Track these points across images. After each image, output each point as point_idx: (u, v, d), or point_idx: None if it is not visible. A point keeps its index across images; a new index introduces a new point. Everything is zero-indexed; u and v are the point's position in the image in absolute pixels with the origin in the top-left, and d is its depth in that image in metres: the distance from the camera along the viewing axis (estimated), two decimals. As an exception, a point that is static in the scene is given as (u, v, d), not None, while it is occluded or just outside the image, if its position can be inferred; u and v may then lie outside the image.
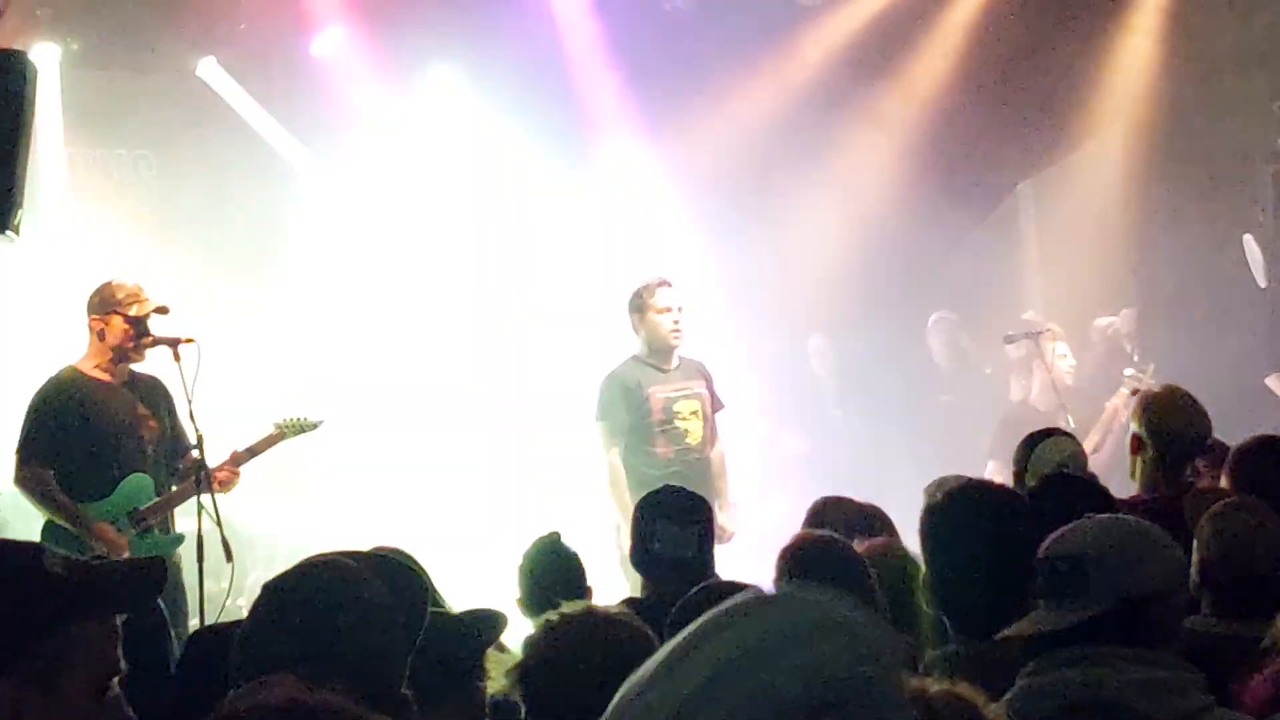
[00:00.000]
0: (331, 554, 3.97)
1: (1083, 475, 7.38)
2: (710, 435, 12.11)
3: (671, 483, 9.30)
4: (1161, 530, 4.68)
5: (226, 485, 10.78)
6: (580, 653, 4.28)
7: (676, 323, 11.82)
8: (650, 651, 2.49)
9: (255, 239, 14.68)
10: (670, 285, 12.02)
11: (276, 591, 3.67)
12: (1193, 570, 5.40)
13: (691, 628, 2.19)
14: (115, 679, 3.31)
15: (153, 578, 3.46)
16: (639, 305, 11.98)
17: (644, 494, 8.83)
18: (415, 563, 5.17)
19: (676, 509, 7.09)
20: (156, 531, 10.13)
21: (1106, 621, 4.38)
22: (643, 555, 6.87)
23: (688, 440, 11.92)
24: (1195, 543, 5.62)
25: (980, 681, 3.49)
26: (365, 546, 7.56)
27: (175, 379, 10.33)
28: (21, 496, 10.12)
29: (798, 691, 2.05)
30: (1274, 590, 5.74)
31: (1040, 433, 7.99)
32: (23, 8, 12.01)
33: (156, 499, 10.10)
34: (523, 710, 4.44)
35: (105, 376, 10.16)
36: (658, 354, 11.88)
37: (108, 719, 3.29)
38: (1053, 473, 7.04)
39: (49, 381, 10.17)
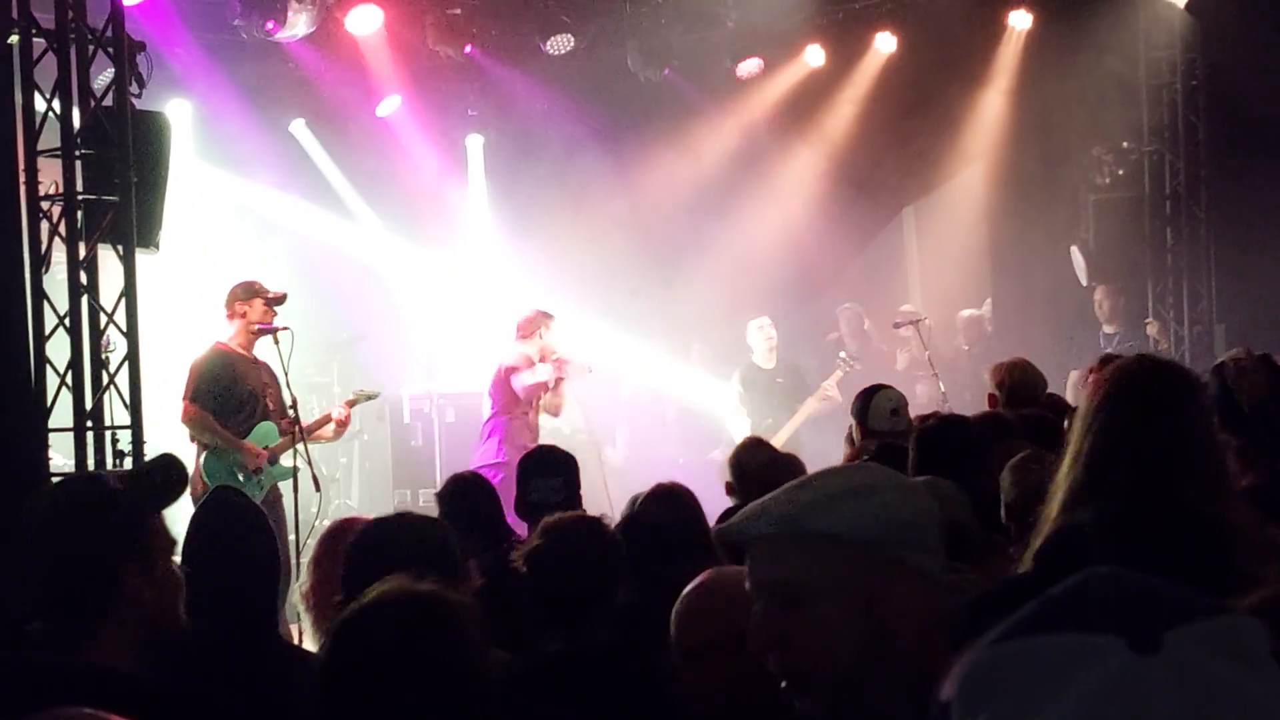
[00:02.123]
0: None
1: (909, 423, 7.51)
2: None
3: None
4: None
5: (344, 427, 12.06)
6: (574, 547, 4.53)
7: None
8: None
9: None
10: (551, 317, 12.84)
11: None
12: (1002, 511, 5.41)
13: (806, 476, 2.74)
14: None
15: (176, 476, 3.77)
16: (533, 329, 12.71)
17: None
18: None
19: (548, 463, 7.13)
20: (275, 465, 11.03)
21: None
22: (523, 504, 6.82)
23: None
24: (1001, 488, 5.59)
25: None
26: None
27: (275, 358, 11.15)
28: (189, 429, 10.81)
29: (882, 517, 2.55)
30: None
31: (871, 388, 8.20)
32: (161, 77, 11.36)
33: (279, 441, 11.01)
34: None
35: (244, 352, 11.05)
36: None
37: (175, 582, 3.59)
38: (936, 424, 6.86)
39: (208, 352, 10.98)
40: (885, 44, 16.37)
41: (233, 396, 11.01)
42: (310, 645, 4.96)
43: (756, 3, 15.85)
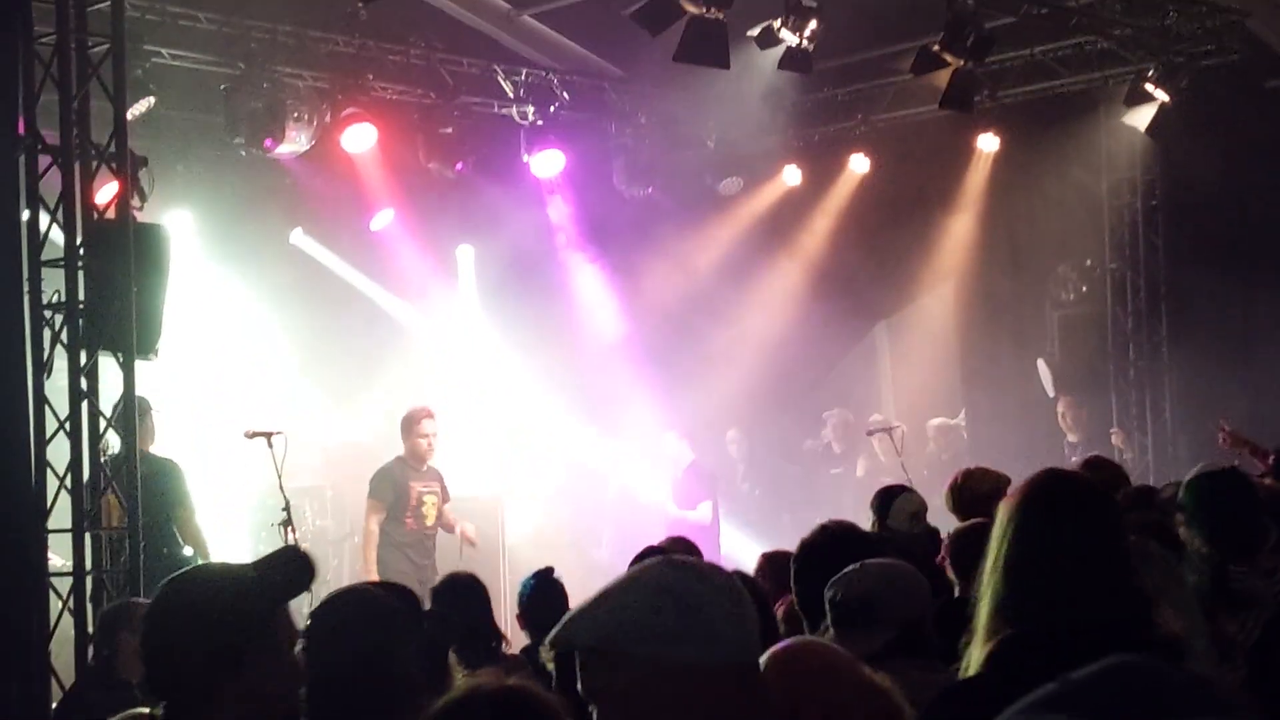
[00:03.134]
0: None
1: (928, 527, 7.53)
2: (440, 516, 12.57)
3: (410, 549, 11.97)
4: (913, 568, 4.95)
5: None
6: None
7: (430, 443, 12.41)
8: None
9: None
10: (432, 417, 12.60)
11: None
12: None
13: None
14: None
15: (305, 568, 3.65)
16: (407, 426, 12.54)
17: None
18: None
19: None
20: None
21: (894, 644, 4.52)
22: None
23: (426, 521, 12.43)
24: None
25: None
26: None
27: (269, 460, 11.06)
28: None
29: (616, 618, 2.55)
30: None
31: (895, 488, 7.99)
32: (162, 189, 11.74)
33: None
34: None
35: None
36: (415, 460, 12.43)
37: (298, 673, 3.61)
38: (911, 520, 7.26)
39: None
40: (859, 165, 16.52)
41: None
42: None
43: (735, 125, 16.00)
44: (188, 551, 10.29)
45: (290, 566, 3.55)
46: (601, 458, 16.20)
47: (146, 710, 3.79)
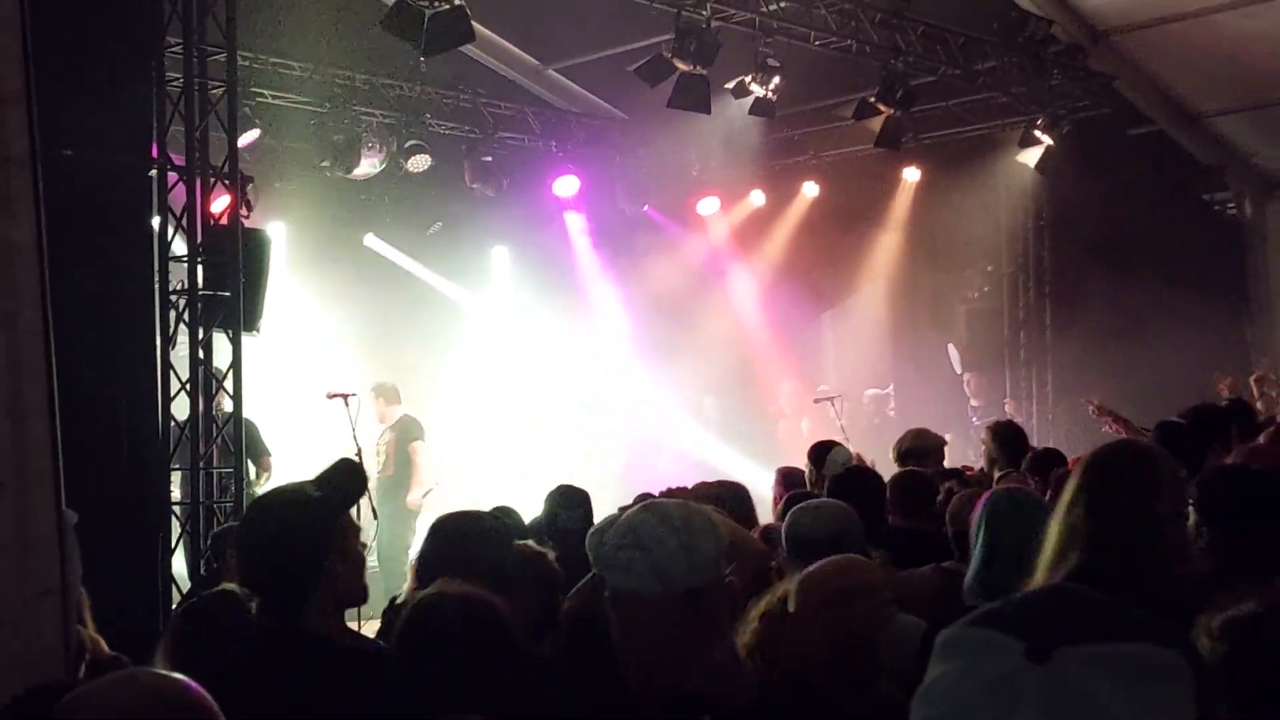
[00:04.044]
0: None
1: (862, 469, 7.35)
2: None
3: None
4: (849, 506, 4.77)
5: None
6: None
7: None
8: None
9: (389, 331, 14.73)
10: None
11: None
12: None
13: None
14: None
15: (358, 480, 3.60)
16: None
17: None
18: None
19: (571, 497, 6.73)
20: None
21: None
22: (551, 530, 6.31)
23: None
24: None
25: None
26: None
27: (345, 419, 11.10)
28: None
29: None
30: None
31: (828, 443, 7.77)
32: (264, 202, 11.76)
33: None
34: None
35: None
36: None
37: (361, 560, 3.57)
38: (848, 470, 6.92)
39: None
40: (810, 190, 16.49)
41: None
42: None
43: (714, 156, 15.89)
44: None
45: (344, 479, 3.51)
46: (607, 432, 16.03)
47: (235, 587, 3.85)
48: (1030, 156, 14.63)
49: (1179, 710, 1.20)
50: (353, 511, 3.64)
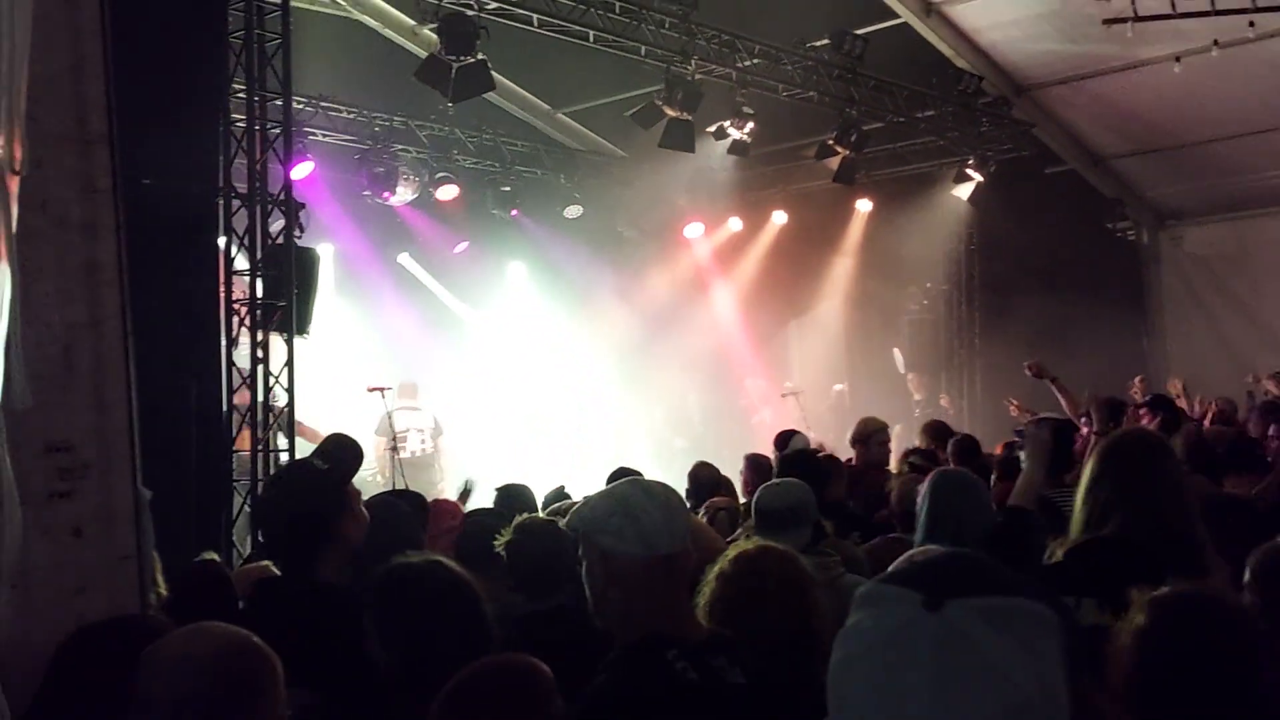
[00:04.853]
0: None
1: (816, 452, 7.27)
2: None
3: None
4: (806, 485, 4.72)
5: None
6: None
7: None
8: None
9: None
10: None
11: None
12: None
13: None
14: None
15: (357, 454, 3.82)
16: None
17: None
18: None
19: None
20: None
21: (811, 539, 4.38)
22: None
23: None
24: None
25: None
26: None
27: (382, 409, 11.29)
28: None
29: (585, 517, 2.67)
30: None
31: (789, 431, 7.87)
32: (315, 225, 11.01)
33: None
34: None
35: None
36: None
37: (364, 519, 3.56)
38: (794, 452, 6.87)
39: None
40: (779, 218, 16.48)
41: None
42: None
43: (698, 189, 15.84)
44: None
45: (346, 454, 3.53)
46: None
47: (268, 563, 3.86)
48: (963, 191, 14.67)
49: (1048, 654, 1.21)
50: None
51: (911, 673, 1.18)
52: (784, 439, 7.56)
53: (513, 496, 6.35)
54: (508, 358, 15.57)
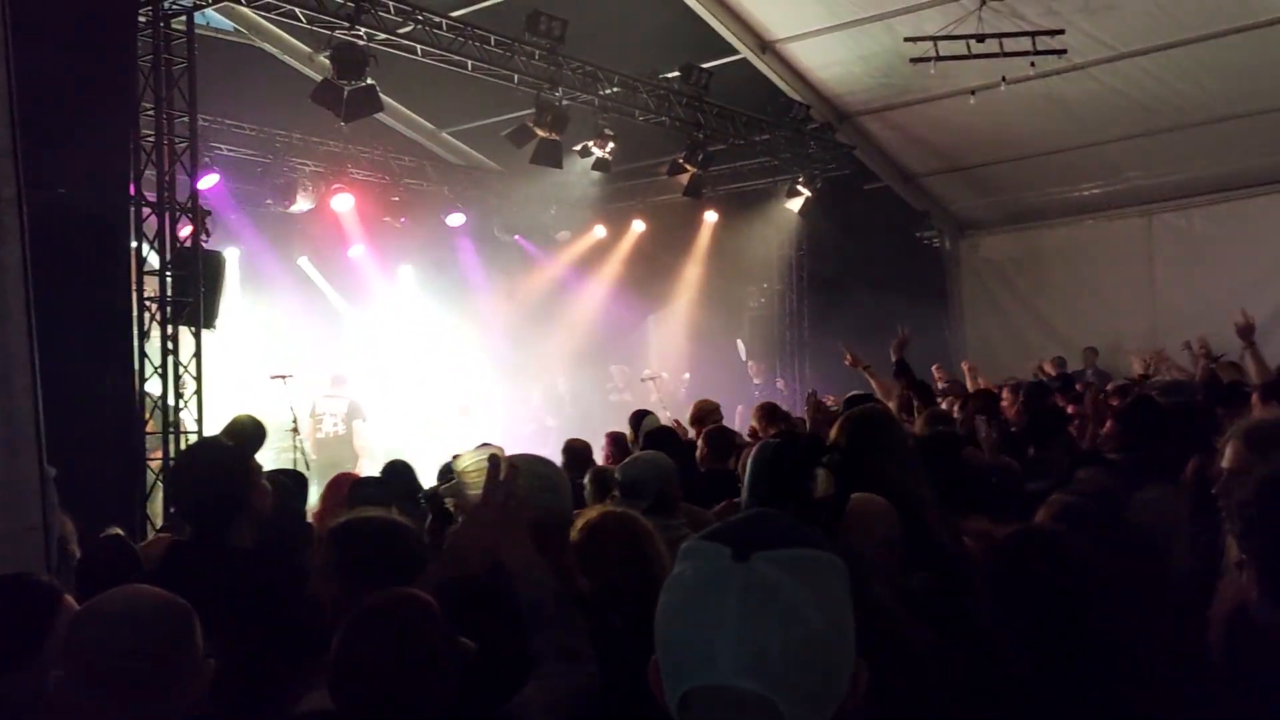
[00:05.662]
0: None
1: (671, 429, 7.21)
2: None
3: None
4: (666, 456, 4.62)
5: None
6: None
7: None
8: None
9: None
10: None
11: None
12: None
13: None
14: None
15: (261, 432, 3.54)
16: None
17: None
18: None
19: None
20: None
21: (653, 506, 4.17)
22: None
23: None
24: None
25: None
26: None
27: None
28: None
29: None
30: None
31: (643, 411, 7.81)
32: (220, 231, 11.39)
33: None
34: None
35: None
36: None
37: (268, 491, 3.41)
38: (656, 429, 6.82)
39: None
40: (638, 226, 16.45)
41: None
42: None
43: (568, 199, 15.74)
44: None
45: (251, 432, 3.46)
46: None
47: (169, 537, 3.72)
48: (794, 204, 14.85)
49: (837, 594, 1.26)
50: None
51: (722, 614, 1.21)
52: (638, 418, 7.55)
53: (395, 470, 6.46)
54: (400, 351, 15.30)
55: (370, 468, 10.21)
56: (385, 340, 15.21)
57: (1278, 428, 2.47)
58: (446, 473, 5.67)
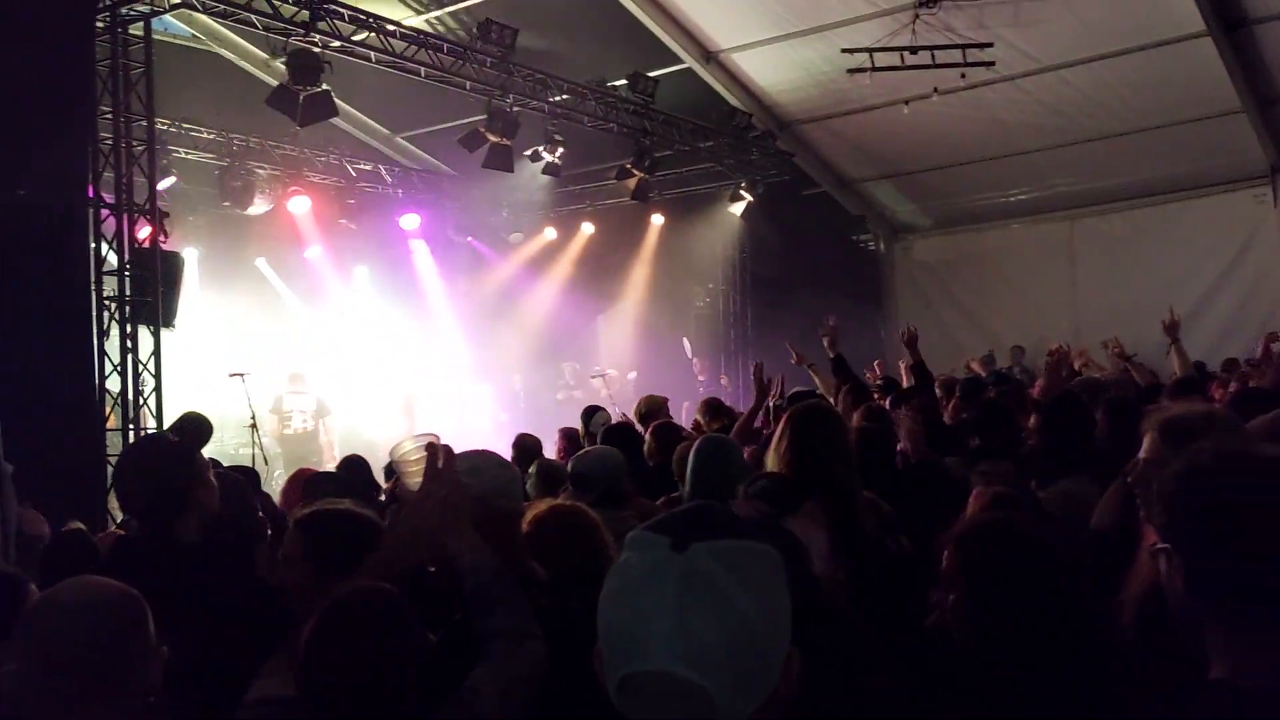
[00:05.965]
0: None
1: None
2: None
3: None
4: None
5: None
6: None
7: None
8: None
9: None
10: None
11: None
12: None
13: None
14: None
15: (208, 427, 3.46)
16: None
17: None
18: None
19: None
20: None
21: (600, 498, 4.18)
22: None
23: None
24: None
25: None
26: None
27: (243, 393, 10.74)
28: None
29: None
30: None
31: (593, 407, 7.71)
32: (178, 233, 11.10)
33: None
34: None
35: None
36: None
37: (214, 486, 3.30)
38: (614, 425, 6.68)
39: None
40: (588, 229, 16.40)
41: None
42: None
43: (518, 203, 15.71)
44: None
45: (197, 428, 3.39)
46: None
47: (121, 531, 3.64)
48: (737, 209, 14.92)
49: (773, 583, 1.27)
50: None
51: (659, 603, 1.22)
52: (588, 413, 7.53)
53: (351, 464, 6.30)
54: (356, 350, 15.18)
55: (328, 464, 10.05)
56: (342, 339, 15.06)
57: (1194, 421, 2.46)
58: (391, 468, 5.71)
